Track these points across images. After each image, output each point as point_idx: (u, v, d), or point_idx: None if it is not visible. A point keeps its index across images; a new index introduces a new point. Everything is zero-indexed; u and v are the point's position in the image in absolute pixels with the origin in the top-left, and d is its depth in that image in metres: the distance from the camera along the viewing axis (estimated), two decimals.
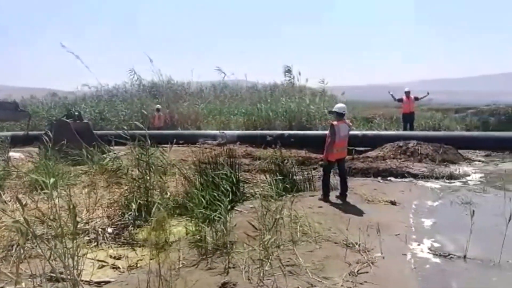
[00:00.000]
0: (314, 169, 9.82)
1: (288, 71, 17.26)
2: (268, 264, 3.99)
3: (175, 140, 8.91)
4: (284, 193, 6.43)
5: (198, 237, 4.81)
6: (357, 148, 11.63)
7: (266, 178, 7.50)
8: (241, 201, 6.69)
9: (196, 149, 7.88)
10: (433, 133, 13.14)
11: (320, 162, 9.59)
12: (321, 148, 7.27)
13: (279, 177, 7.31)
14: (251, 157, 10.92)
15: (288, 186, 7.07)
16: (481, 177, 8.68)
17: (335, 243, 4.76)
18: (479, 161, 10.90)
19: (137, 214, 5.87)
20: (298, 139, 12.42)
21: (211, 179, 6.19)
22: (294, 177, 7.64)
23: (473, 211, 4.72)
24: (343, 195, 6.92)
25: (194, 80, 25.71)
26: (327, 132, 6.97)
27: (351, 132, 7.77)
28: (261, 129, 14.81)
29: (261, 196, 5.69)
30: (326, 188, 6.89)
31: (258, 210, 5.03)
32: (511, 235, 4.39)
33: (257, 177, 8.42)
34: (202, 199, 5.41)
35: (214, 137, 13.07)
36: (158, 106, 17.83)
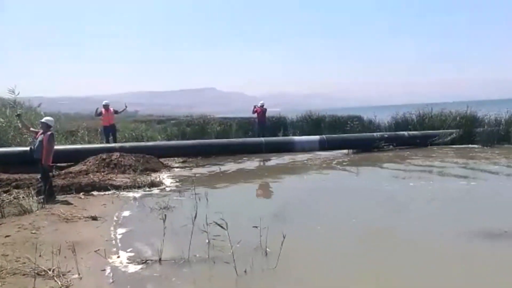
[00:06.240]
0: (6, 191, 8.52)
1: None
2: None
3: None
4: None
5: None
6: (58, 164, 10.85)
7: None
8: None
9: None
10: (138, 144, 13.62)
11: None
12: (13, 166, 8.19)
13: None
14: None
15: None
16: (177, 182, 9.58)
17: (24, 274, 4.21)
18: (177, 167, 12.06)
19: None
20: None
21: None
22: None
23: (165, 215, 5.13)
24: (52, 197, 7.67)
25: None
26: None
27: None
28: None
29: None
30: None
31: None
32: (196, 232, 4.95)
33: None
34: None
35: None
36: None
